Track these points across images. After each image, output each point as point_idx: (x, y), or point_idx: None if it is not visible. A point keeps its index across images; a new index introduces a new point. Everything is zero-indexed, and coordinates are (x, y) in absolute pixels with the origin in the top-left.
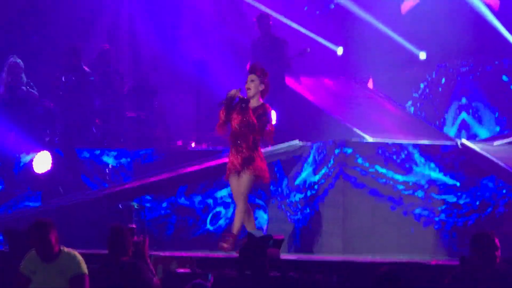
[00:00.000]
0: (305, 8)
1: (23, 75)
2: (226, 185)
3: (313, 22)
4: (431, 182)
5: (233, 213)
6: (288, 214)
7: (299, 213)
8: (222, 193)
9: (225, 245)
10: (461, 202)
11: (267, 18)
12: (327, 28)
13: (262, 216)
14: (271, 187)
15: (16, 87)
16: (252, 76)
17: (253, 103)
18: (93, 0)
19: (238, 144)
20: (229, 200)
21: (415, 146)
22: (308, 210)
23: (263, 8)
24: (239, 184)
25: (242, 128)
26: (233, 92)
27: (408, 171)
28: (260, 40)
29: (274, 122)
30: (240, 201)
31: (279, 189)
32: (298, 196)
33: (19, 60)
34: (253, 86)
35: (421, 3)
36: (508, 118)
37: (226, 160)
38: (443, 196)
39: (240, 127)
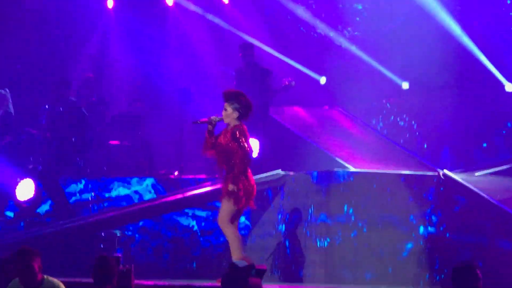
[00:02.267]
0: None
1: (10, 105)
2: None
3: (296, 52)
4: (413, 213)
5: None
6: (270, 243)
7: (282, 242)
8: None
9: None
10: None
11: (251, 48)
12: (311, 57)
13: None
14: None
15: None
16: (225, 105)
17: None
18: (77, 29)
19: (221, 171)
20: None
21: (399, 176)
22: (290, 240)
23: (246, 37)
24: (220, 211)
25: (220, 153)
26: (213, 117)
27: (390, 201)
28: (244, 70)
29: (256, 151)
30: (223, 229)
31: (264, 217)
32: (281, 226)
33: (4, 92)
34: (225, 115)
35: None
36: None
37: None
38: (429, 229)
39: (217, 152)
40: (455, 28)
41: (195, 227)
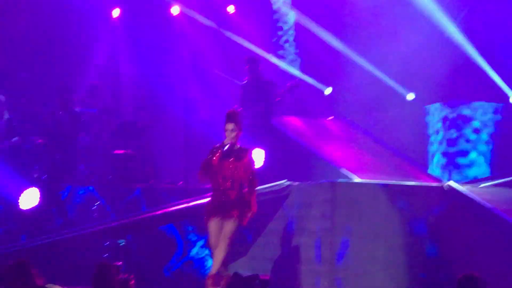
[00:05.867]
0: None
1: (6, 112)
2: None
3: (302, 62)
4: (418, 223)
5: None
6: (274, 253)
7: (285, 252)
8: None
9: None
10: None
11: (257, 62)
12: (316, 68)
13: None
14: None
15: None
16: (230, 125)
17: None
18: (83, 39)
19: (228, 188)
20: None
21: (403, 187)
22: (294, 249)
23: (252, 47)
24: (225, 228)
25: (234, 173)
26: None
27: (395, 212)
28: (248, 83)
29: (262, 161)
30: (227, 245)
31: (269, 227)
32: (284, 236)
33: (1, 96)
34: (236, 136)
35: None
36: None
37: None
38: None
39: (232, 172)
40: (460, 37)
41: (195, 237)
